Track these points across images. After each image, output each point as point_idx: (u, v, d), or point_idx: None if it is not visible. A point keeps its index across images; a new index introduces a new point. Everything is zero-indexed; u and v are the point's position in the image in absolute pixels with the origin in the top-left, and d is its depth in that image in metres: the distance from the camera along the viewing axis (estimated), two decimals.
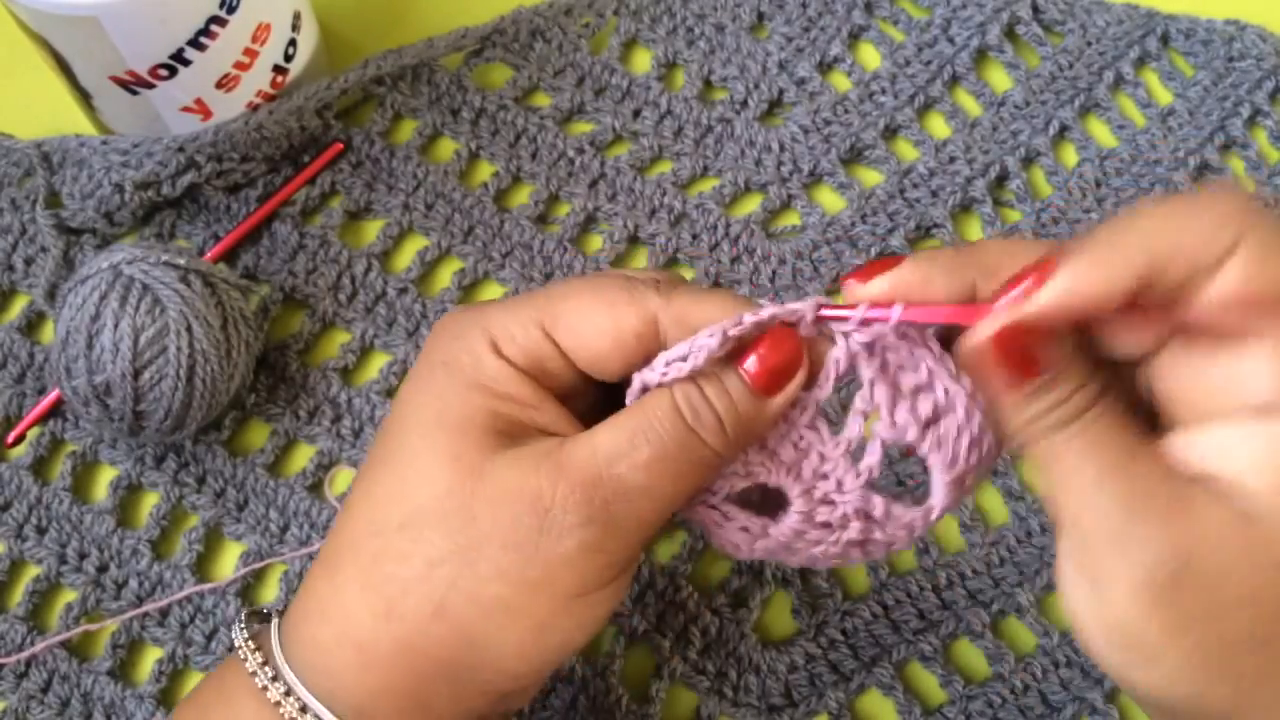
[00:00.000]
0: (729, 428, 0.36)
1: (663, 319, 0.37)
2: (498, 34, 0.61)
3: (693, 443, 0.36)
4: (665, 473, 0.36)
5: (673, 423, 0.36)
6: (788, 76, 0.61)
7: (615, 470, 0.36)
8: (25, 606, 0.51)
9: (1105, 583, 0.33)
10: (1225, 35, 0.60)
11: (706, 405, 0.36)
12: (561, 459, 0.36)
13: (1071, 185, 0.58)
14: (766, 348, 0.37)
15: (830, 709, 0.49)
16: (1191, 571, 0.32)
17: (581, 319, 0.37)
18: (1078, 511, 0.33)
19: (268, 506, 0.52)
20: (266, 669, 0.37)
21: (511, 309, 0.38)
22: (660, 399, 0.36)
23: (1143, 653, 0.33)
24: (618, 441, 0.36)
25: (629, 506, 0.36)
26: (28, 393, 0.54)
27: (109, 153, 0.56)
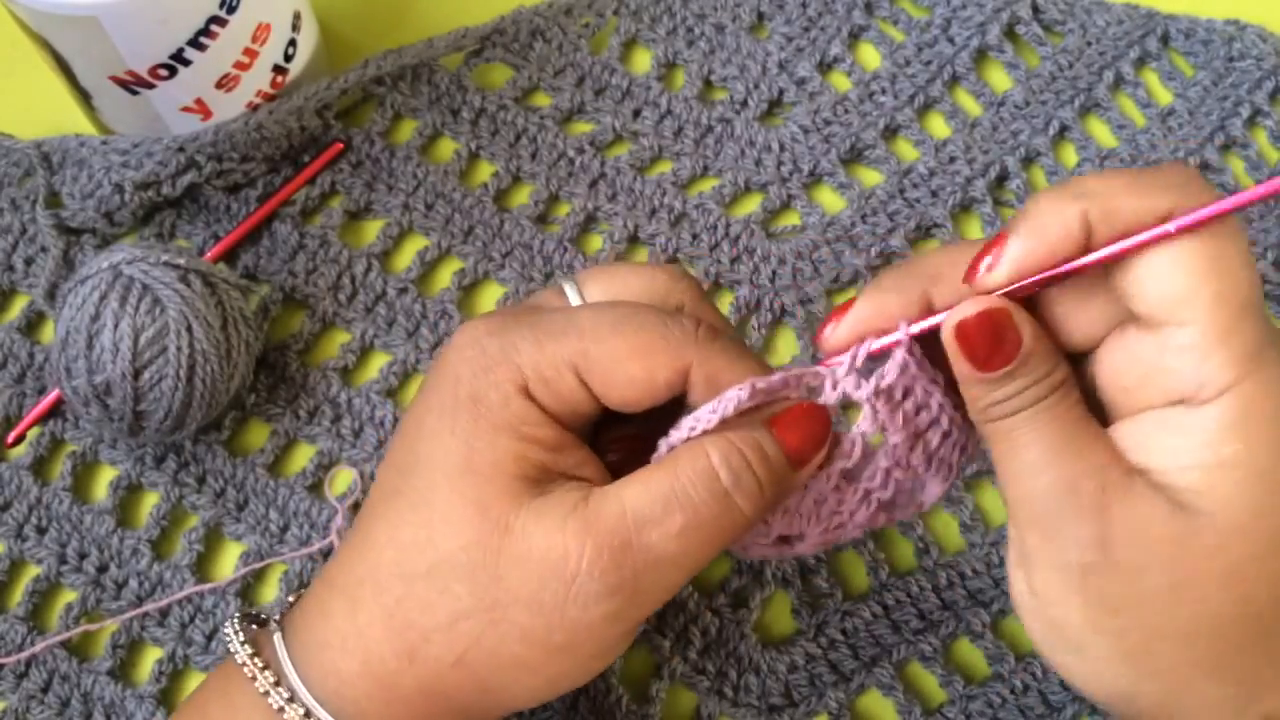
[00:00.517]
0: (767, 493, 0.36)
1: (694, 374, 0.37)
2: (498, 34, 0.61)
3: (729, 508, 0.36)
4: (697, 541, 0.35)
5: (708, 488, 0.35)
6: (788, 76, 0.61)
7: (646, 538, 0.35)
8: (25, 606, 0.51)
9: (1034, 567, 0.34)
10: (1225, 35, 0.60)
11: (747, 469, 0.36)
12: (589, 515, 0.35)
13: None
14: (802, 417, 0.37)
15: (830, 709, 0.49)
16: (1113, 560, 0.32)
17: (616, 365, 0.36)
18: (1017, 496, 0.34)
19: (268, 506, 0.52)
20: (280, 690, 0.37)
21: (543, 346, 0.37)
22: (694, 460, 0.36)
23: (1070, 641, 0.34)
24: (649, 505, 0.35)
25: (658, 577, 0.36)
26: (28, 393, 0.54)
27: (109, 153, 0.56)
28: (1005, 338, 0.33)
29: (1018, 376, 0.33)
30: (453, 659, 0.36)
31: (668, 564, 0.35)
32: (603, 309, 0.38)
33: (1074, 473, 0.33)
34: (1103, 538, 0.32)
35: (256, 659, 0.38)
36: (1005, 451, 0.34)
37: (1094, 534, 0.32)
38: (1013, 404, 0.34)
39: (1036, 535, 0.34)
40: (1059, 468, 0.33)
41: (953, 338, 0.34)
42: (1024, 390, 0.33)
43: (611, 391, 0.37)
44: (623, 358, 0.36)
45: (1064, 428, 0.33)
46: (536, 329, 0.37)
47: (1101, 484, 0.33)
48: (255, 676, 0.37)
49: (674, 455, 0.36)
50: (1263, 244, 0.56)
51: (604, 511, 0.35)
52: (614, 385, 0.37)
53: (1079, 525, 0.33)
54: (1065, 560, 0.33)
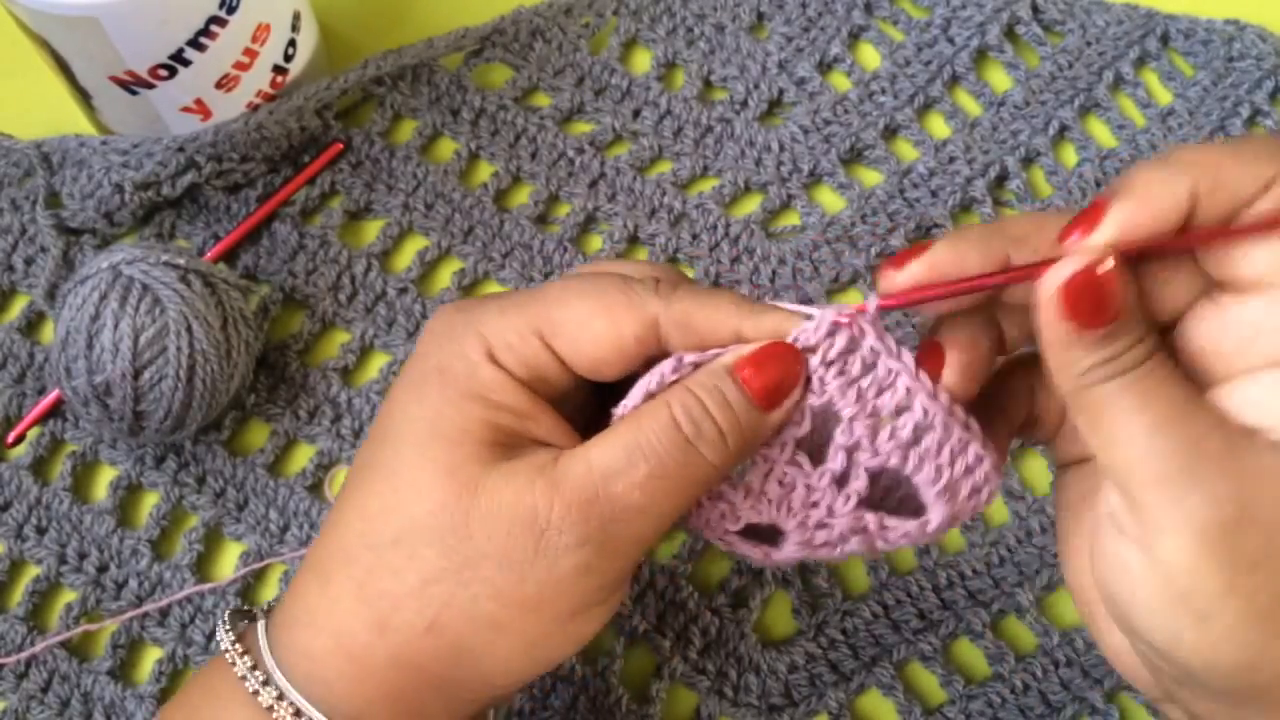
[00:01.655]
0: (730, 441, 0.36)
1: (663, 321, 0.36)
2: (498, 34, 0.61)
3: (692, 458, 0.35)
4: (663, 490, 0.35)
5: (671, 438, 0.35)
6: (788, 76, 0.61)
7: (612, 489, 0.35)
8: (25, 606, 0.51)
9: (1160, 533, 0.32)
10: (1225, 35, 0.60)
11: (708, 418, 0.35)
12: (556, 475, 0.35)
13: (1071, 185, 0.58)
14: (767, 359, 0.36)
15: (830, 709, 0.49)
16: (1250, 517, 0.31)
17: (580, 326, 0.37)
18: (1131, 461, 0.33)
19: (268, 506, 0.52)
20: (257, 673, 0.37)
21: (507, 314, 0.37)
22: (657, 413, 0.36)
23: (1198, 606, 0.32)
24: (614, 458, 0.35)
25: (626, 526, 0.35)
26: (28, 393, 0.54)
27: (109, 153, 0.56)
28: (1110, 295, 0.32)
29: (1121, 335, 0.33)
30: (424, 624, 0.36)
31: (634, 513, 0.35)
32: (567, 278, 0.38)
33: (1196, 431, 0.32)
34: (1240, 491, 0.31)
35: (237, 645, 0.38)
36: (1110, 418, 0.33)
37: (1231, 488, 0.31)
38: (1116, 365, 0.33)
39: (1164, 497, 0.32)
40: (1179, 427, 0.32)
41: (1057, 294, 0.33)
42: (1126, 351, 0.33)
43: (578, 353, 0.37)
44: (586, 317, 0.36)
45: (1174, 389, 0.33)
46: (502, 301, 0.38)
47: (1227, 441, 0.32)
48: (235, 662, 0.37)
49: (637, 410, 0.36)
50: None
51: (571, 469, 0.35)
52: (580, 345, 0.37)
53: (1215, 481, 0.32)
54: (1201, 519, 0.32)
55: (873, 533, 0.37)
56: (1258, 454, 0.32)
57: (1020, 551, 0.51)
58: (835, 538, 0.38)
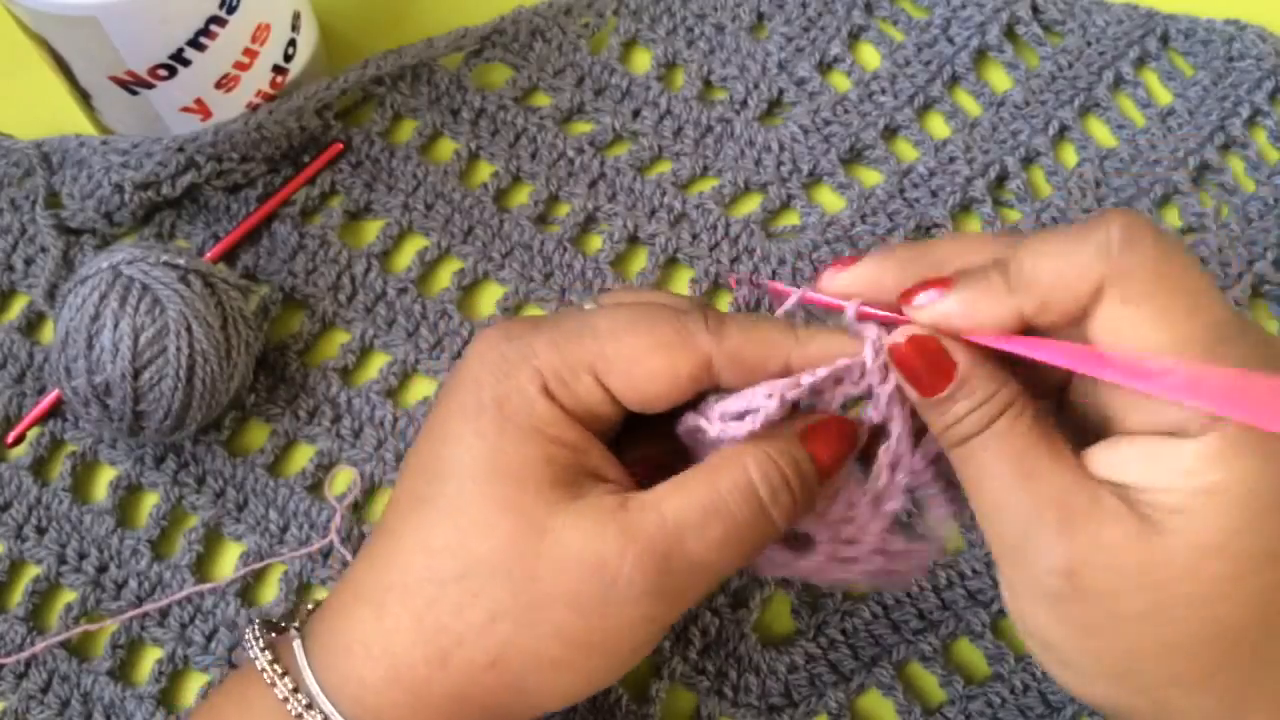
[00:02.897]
0: (799, 506, 0.37)
1: (716, 360, 0.37)
2: (498, 34, 0.61)
3: (764, 523, 0.36)
4: (733, 550, 0.36)
5: (748, 502, 0.36)
6: (787, 76, 0.61)
7: (686, 546, 0.35)
8: (25, 606, 0.51)
9: (1014, 593, 0.34)
10: (1225, 35, 0.60)
11: (786, 488, 0.36)
12: (628, 524, 0.35)
13: (1071, 185, 0.58)
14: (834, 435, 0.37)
15: (830, 709, 0.49)
16: (1082, 586, 0.33)
17: (635, 365, 0.37)
18: (985, 522, 0.34)
19: (268, 506, 0.52)
20: (299, 696, 0.37)
21: (560, 348, 0.37)
22: (734, 473, 0.36)
23: (1054, 658, 0.34)
24: (689, 514, 0.36)
25: (693, 581, 0.36)
26: (28, 393, 0.54)
27: (109, 153, 0.56)
28: (939, 362, 0.34)
29: (959, 399, 0.34)
30: (487, 661, 0.36)
31: (704, 571, 0.36)
32: (617, 310, 0.38)
33: (1036, 498, 0.33)
34: (1070, 566, 0.33)
35: (276, 665, 0.37)
36: (970, 477, 0.35)
37: (1062, 563, 0.33)
38: (963, 427, 0.34)
39: (1009, 565, 0.34)
40: (1021, 493, 0.33)
41: (893, 361, 0.35)
42: (971, 412, 0.34)
43: (632, 390, 0.37)
44: (641, 355, 0.37)
45: (1022, 450, 0.34)
46: (554, 332, 0.38)
47: (1066, 509, 0.33)
48: (274, 683, 0.37)
49: (712, 466, 0.37)
50: (1263, 244, 0.56)
51: (645, 520, 0.35)
52: (633, 383, 0.37)
53: (1046, 552, 0.33)
54: (1038, 585, 0.33)
55: (893, 553, 0.39)
56: (1099, 523, 0.32)
57: None
58: (860, 554, 0.39)
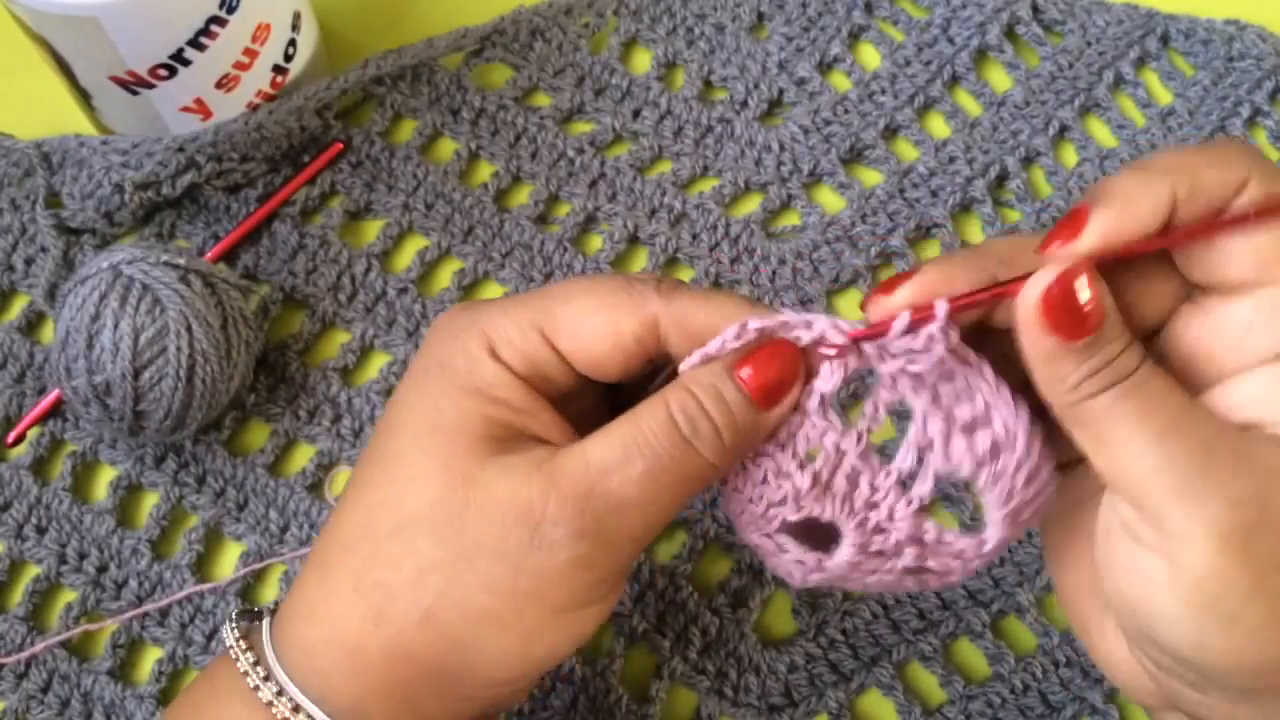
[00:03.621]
0: (727, 439, 0.36)
1: (663, 321, 0.37)
2: (498, 34, 0.61)
3: (688, 455, 0.35)
4: (659, 486, 0.35)
5: (667, 435, 0.35)
6: (788, 76, 0.61)
7: (608, 484, 0.35)
8: (25, 606, 0.51)
9: (1182, 541, 0.32)
10: (1225, 35, 0.60)
11: (704, 416, 0.35)
12: (553, 470, 0.35)
13: (1071, 185, 0.58)
14: (766, 357, 0.36)
15: (830, 709, 0.49)
16: (1270, 516, 0.31)
17: (580, 322, 0.37)
18: (1144, 474, 0.32)
19: (268, 506, 0.52)
20: (258, 669, 0.37)
21: (509, 311, 0.38)
22: (654, 410, 0.36)
23: (1225, 609, 0.32)
24: (610, 453, 0.35)
25: (620, 521, 0.35)
26: (28, 393, 0.54)
27: (109, 153, 0.56)
28: (1089, 302, 0.32)
29: (1106, 343, 0.32)
30: (419, 615, 0.36)
31: (631, 508, 0.35)
32: (570, 279, 0.39)
33: (1203, 435, 0.32)
34: (1258, 492, 0.31)
35: (242, 642, 0.38)
36: (1111, 432, 0.33)
37: (1249, 489, 0.31)
38: (1107, 375, 0.32)
39: (1182, 507, 0.32)
40: (1185, 433, 0.32)
41: (1034, 306, 0.32)
42: (1114, 359, 0.32)
43: (577, 349, 0.37)
44: (586, 313, 0.37)
45: (1171, 394, 0.32)
46: (506, 300, 0.38)
47: (1234, 441, 0.32)
48: (238, 658, 0.37)
49: (637, 409, 0.36)
50: None
51: (568, 464, 0.35)
52: (580, 341, 0.37)
53: (1232, 484, 0.31)
54: (1224, 524, 0.31)
55: (929, 544, 0.36)
56: (1264, 451, 0.32)
57: (1020, 551, 0.51)
58: (891, 546, 0.36)
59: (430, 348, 0.38)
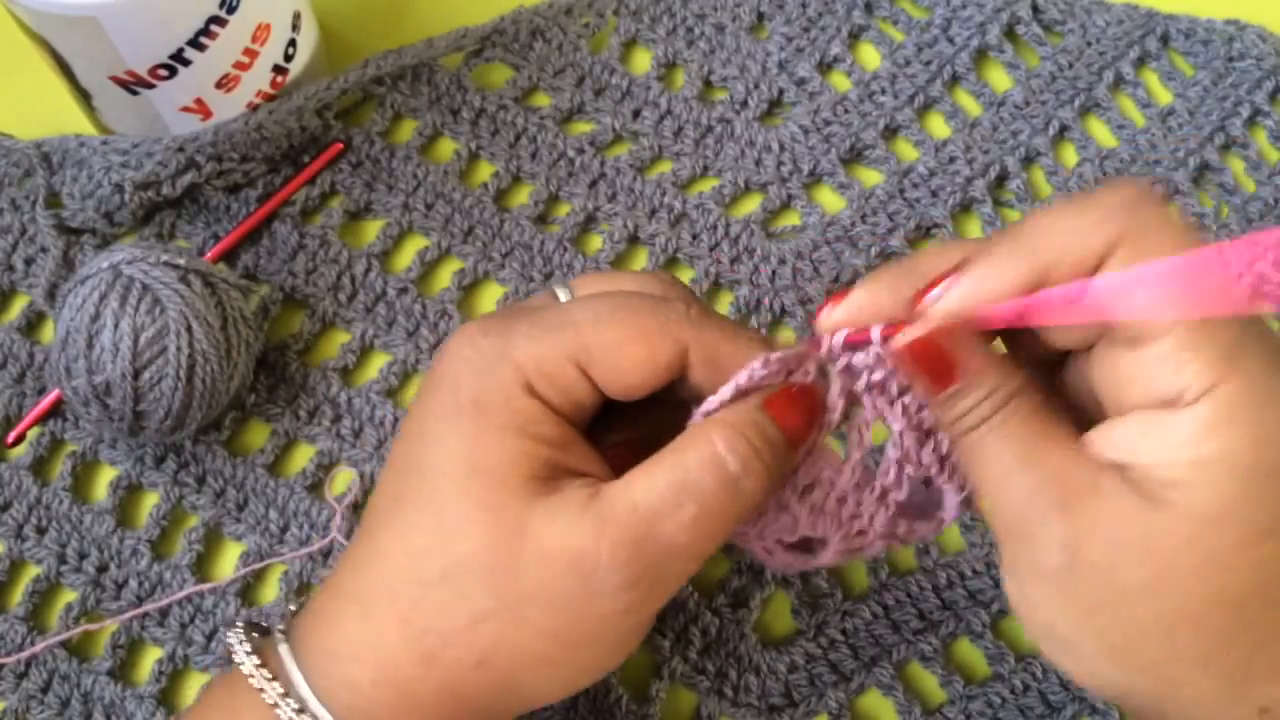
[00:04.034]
0: (772, 475, 0.36)
1: (693, 352, 0.37)
2: (498, 34, 0.61)
3: (737, 494, 0.36)
4: (709, 529, 0.36)
5: (716, 476, 0.36)
6: (788, 76, 0.61)
7: (659, 530, 0.35)
8: (25, 606, 0.51)
9: (1017, 574, 0.35)
10: (1225, 35, 0.60)
11: (753, 454, 0.36)
12: (601, 513, 0.35)
13: (1071, 185, 0.58)
14: (797, 398, 0.37)
15: (830, 709, 0.49)
16: (1082, 563, 0.33)
17: (617, 353, 0.37)
18: (990, 507, 0.35)
19: (268, 506, 0.52)
20: (289, 700, 0.37)
21: (542, 341, 0.37)
22: (701, 449, 0.36)
23: (1060, 640, 0.34)
24: (659, 498, 0.35)
25: (671, 566, 0.36)
26: (28, 393, 0.54)
27: (109, 153, 0.56)
28: (947, 358, 0.34)
29: (968, 393, 0.34)
30: (474, 660, 0.36)
31: (681, 554, 0.36)
32: (596, 300, 0.38)
33: (1037, 480, 0.34)
34: (1070, 540, 0.33)
35: (263, 669, 0.37)
36: (976, 465, 0.35)
37: (1062, 537, 0.33)
38: (971, 418, 0.34)
39: (1013, 543, 0.34)
40: (1024, 476, 0.34)
41: (905, 356, 0.35)
42: (978, 404, 0.34)
43: (614, 379, 0.37)
44: (622, 343, 0.37)
45: (1025, 437, 0.34)
46: (533, 326, 0.37)
47: (1065, 488, 0.33)
48: (263, 688, 0.37)
49: (679, 446, 0.36)
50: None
51: (616, 507, 0.35)
52: (616, 372, 0.37)
53: (1047, 530, 0.33)
54: (1041, 565, 0.34)
55: (900, 535, 0.39)
56: (1098, 499, 0.33)
57: None
58: (869, 542, 0.39)
59: (459, 381, 0.37)
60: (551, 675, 0.37)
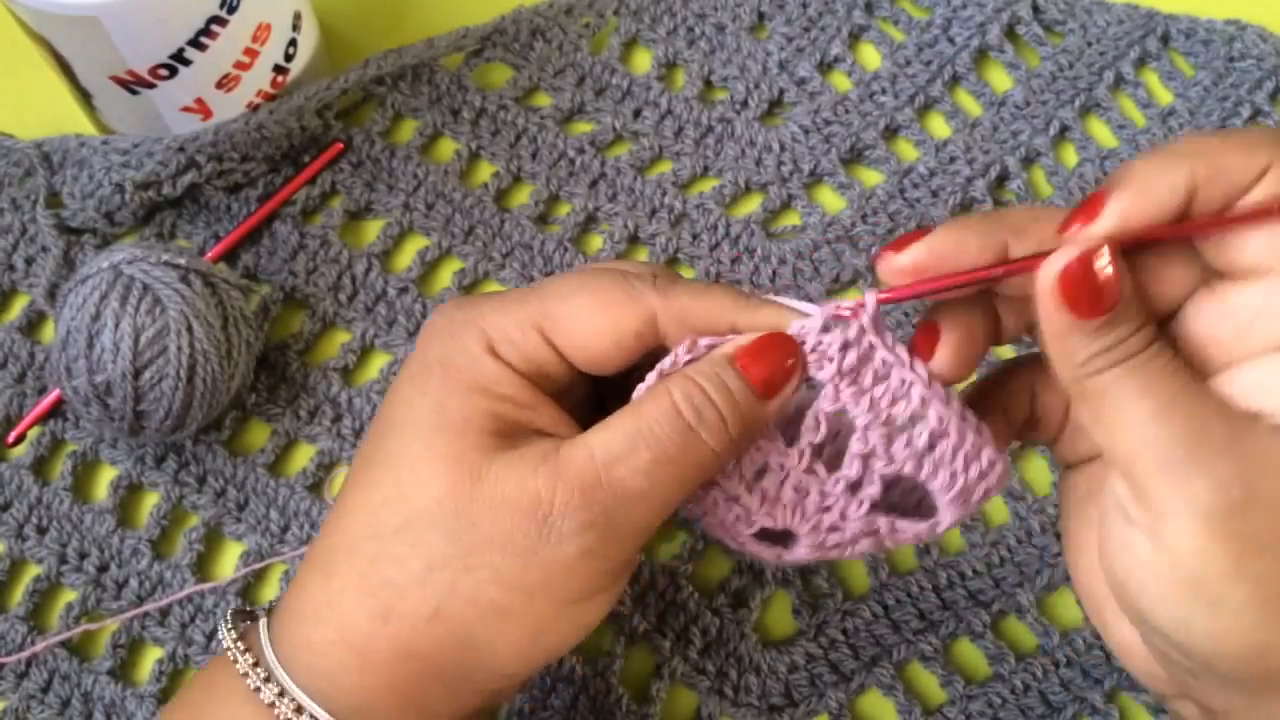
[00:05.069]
0: (731, 427, 0.36)
1: (662, 317, 0.37)
2: (498, 34, 0.61)
3: (694, 443, 0.36)
4: (665, 475, 0.36)
5: (672, 424, 0.35)
6: (788, 76, 0.61)
7: (614, 474, 0.35)
8: (25, 606, 0.51)
9: (1167, 518, 0.32)
10: (1225, 35, 0.60)
11: (709, 404, 0.36)
12: (559, 462, 0.35)
13: (1072, 185, 0.58)
14: (766, 348, 0.36)
15: (830, 709, 0.49)
16: (1255, 499, 0.31)
17: (580, 321, 0.37)
18: (1135, 448, 0.33)
19: (268, 506, 0.52)
20: (258, 670, 0.37)
21: (507, 309, 0.38)
22: (658, 399, 0.36)
23: (1207, 591, 0.32)
24: (616, 444, 0.35)
25: (628, 512, 0.36)
26: (28, 393, 0.54)
27: (109, 153, 0.56)
28: (1107, 283, 0.33)
29: (1120, 324, 0.33)
30: (428, 612, 0.36)
31: (637, 499, 0.36)
32: (564, 275, 0.39)
33: (1199, 416, 0.32)
34: (1245, 473, 0.32)
35: (239, 643, 0.38)
36: (1112, 406, 0.33)
37: (1236, 470, 0.32)
38: (1117, 353, 0.33)
39: (1168, 482, 0.32)
40: (1181, 412, 0.32)
41: (1054, 283, 0.33)
42: (1126, 339, 0.33)
43: (578, 347, 0.37)
44: (585, 312, 0.37)
45: (1175, 375, 0.33)
46: (503, 297, 0.38)
47: (1229, 425, 0.32)
48: (236, 659, 0.37)
49: (639, 399, 0.37)
50: None
51: (573, 456, 0.35)
52: (580, 340, 0.37)
53: (1219, 464, 0.32)
54: (1208, 503, 0.32)
55: (884, 535, 0.38)
56: (1260, 437, 0.32)
57: (1020, 552, 0.51)
58: (847, 539, 0.38)
59: (428, 346, 0.38)
60: (511, 631, 0.36)
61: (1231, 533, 0.32)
